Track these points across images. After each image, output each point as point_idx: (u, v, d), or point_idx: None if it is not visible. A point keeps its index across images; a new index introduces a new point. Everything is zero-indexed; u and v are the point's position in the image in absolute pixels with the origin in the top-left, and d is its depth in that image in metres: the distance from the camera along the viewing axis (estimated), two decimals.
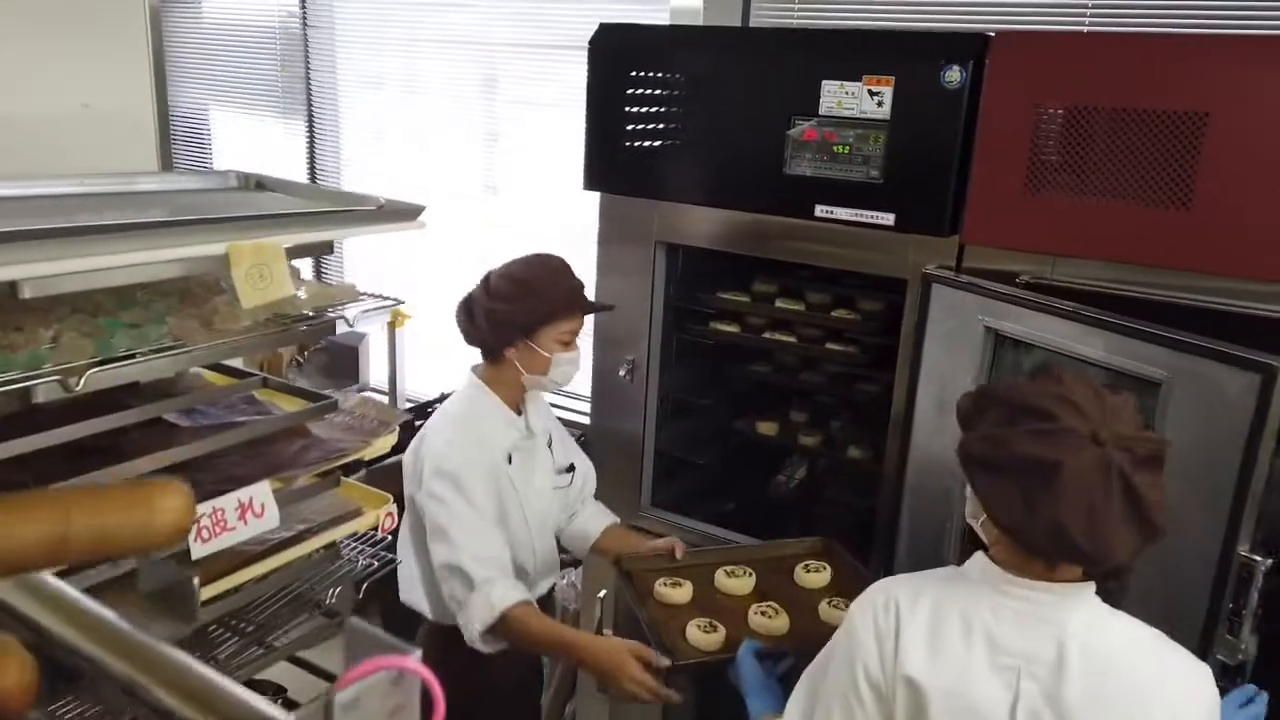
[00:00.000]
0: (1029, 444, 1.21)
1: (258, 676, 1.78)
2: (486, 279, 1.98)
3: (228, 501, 1.38)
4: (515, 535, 1.98)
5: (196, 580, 1.36)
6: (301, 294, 1.50)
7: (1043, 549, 1.23)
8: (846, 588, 1.88)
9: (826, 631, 1.48)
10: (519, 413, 2.05)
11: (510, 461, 2.00)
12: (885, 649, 1.30)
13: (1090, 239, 1.81)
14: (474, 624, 1.82)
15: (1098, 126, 1.77)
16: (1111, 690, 1.23)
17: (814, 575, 1.96)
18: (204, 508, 1.36)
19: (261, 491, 1.42)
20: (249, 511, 1.40)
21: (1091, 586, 1.29)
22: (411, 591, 2.03)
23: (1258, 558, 1.48)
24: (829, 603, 1.86)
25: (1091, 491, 1.18)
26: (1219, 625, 1.52)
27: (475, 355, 2.07)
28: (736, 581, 1.92)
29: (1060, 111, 1.80)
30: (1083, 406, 1.22)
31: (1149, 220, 1.73)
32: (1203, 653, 1.53)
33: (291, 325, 1.47)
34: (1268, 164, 1.62)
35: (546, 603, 2.15)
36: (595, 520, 2.22)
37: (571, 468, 2.19)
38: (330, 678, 1.73)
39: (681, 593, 1.87)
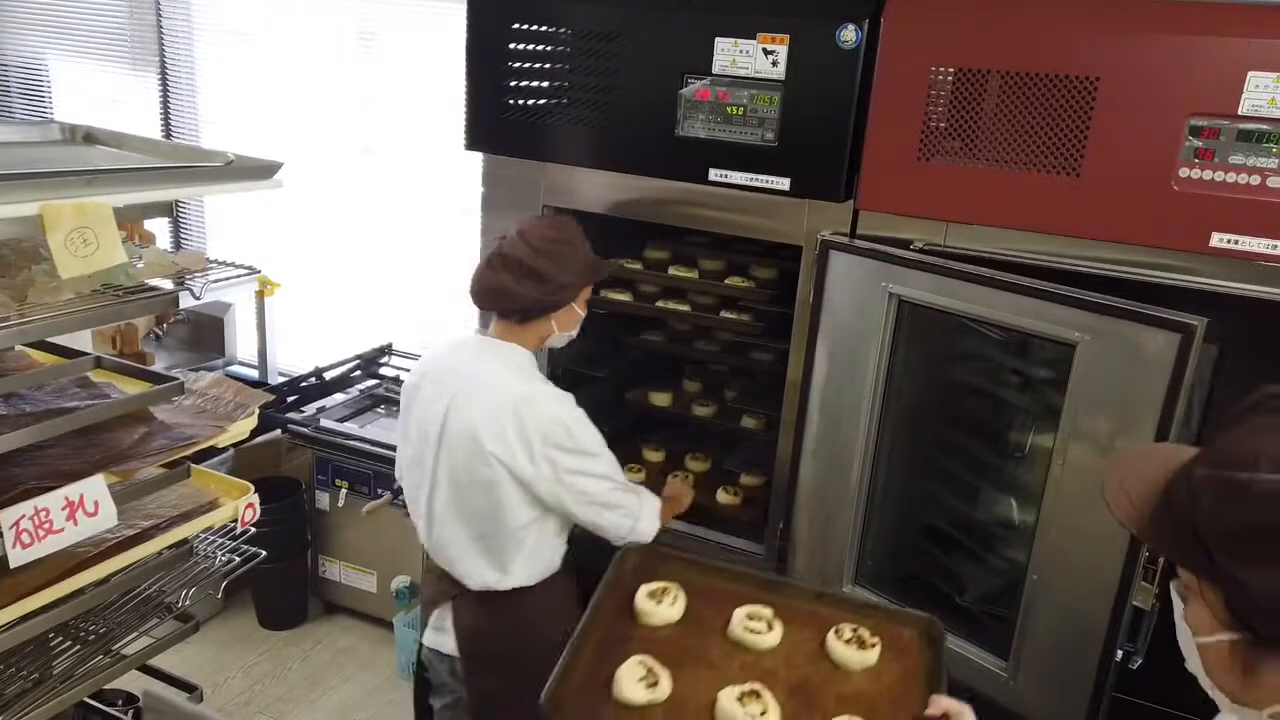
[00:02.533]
0: None
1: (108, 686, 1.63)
2: (524, 241, 1.87)
3: (53, 500, 1.21)
4: None
5: None
6: (139, 263, 1.33)
7: None
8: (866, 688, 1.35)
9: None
10: None
11: None
12: None
13: (983, 206, 1.79)
14: (653, 520, 1.94)
15: (990, 90, 1.73)
16: None
17: (854, 651, 1.43)
18: (24, 508, 1.19)
19: (94, 487, 1.25)
20: (79, 510, 1.24)
21: None
22: (522, 568, 1.89)
23: None
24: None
25: None
26: (1135, 576, 1.56)
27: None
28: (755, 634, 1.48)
29: (953, 74, 1.76)
30: None
31: (1040, 187, 1.72)
32: (1120, 601, 1.58)
33: (125, 299, 1.29)
34: (1155, 130, 1.62)
35: None
36: None
37: None
38: (186, 686, 1.59)
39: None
